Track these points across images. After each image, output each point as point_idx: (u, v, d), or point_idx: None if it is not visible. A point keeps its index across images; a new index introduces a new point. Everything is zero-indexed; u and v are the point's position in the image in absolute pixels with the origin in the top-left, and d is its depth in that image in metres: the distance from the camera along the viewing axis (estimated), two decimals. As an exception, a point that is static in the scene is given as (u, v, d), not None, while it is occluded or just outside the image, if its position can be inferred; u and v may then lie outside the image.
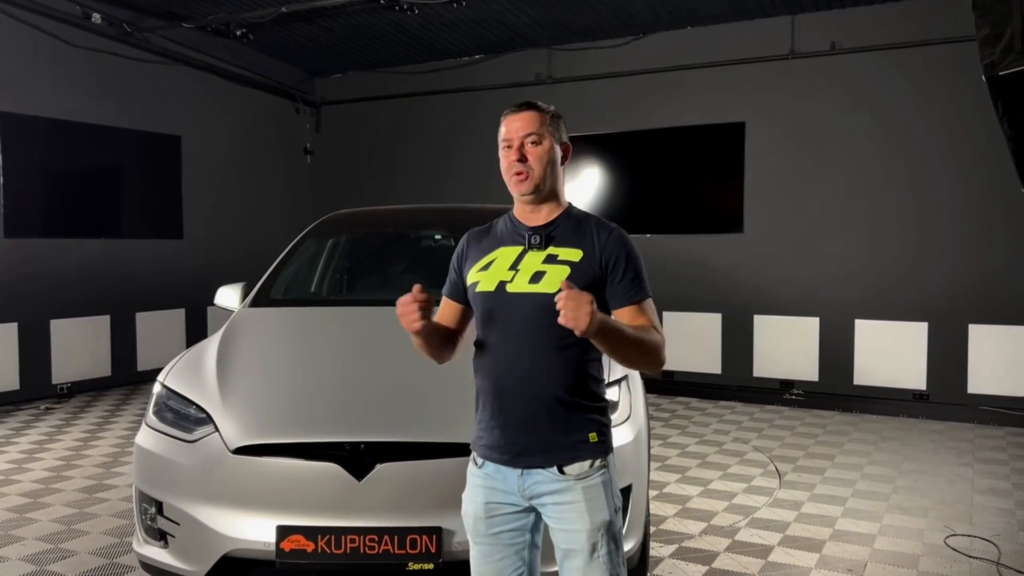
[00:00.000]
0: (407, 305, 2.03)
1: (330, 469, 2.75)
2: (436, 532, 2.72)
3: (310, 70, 10.43)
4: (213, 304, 4.32)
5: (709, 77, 8.18)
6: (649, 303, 2.08)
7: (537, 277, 2.04)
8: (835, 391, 7.61)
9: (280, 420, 2.99)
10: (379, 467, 2.75)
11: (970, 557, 3.90)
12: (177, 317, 8.93)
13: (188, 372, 3.33)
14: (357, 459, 2.76)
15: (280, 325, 3.93)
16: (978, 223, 7.14)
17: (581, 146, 8.83)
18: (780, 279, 7.79)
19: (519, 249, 2.11)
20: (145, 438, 3.15)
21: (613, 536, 2.03)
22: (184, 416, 3.09)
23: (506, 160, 2.11)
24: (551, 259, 2.06)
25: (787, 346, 7.80)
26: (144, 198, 8.70)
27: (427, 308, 2.04)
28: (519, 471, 2.05)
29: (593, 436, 2.05)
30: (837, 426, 6.79)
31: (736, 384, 7.91)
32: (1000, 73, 3.02)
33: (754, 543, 4.08)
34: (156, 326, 8.67)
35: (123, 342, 8.38)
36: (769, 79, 7.94)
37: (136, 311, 8.50)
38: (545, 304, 1.96)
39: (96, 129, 8.05)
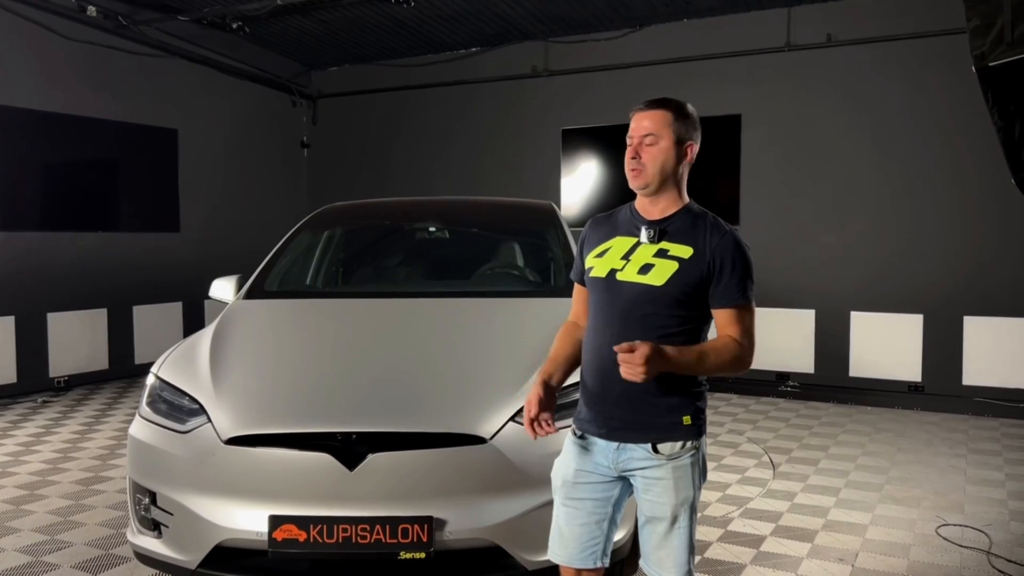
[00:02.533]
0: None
1: (322, 459, 2.77)
2: (427, 521, 2.74)
3: (306, 63, 10.42)
4: (210, 297, 4.32)
5: (705, 69, 8.18)
6: (747, 309, 2.17)
7: (646, 269, 2.16)
8: (830, 383, 7.63)
9: (272, 411, 3.00)
10: (371, 457, 2.76)
11: (961, 547, 3.93)
12: (174, 310, 8.94)
13: (181, 363, 3.35)
14: (349, 449, 2.77)
15: (274, 317, 3.94)
16: (973, 215, 7.15)
17: (577, 139, 8.84)
18: (776, 271, 7.80)
19: (633, 240, 2.22)
20: (139, 429, 3.16)
21: (693, 509, 2.19)
22: (177, 407, 3.10)
23: (626, 155, 2.24)
24: (662, 253, 2.17)
25: (783, 338, 7.82)
26: (141, 191, 8.69)
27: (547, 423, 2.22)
28: (615, 445, 2.18)
29: (687, 419, 2.16)
30: (832, 417, 6.81)
31: (732, 376, 7.91)
32: (990, 64, 3.02)
33: (746, 533, 4.10)
34: (153, 319, 8.68)
35: (120, 335, 8.39)
36: (765, 71, 7.94)
37: (133, 304, 8.51)
38: (649, 295, 2.13)
39: (92, 122, 8.05)
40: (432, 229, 5.03)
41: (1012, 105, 3.09)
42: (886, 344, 7.48)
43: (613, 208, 2.38)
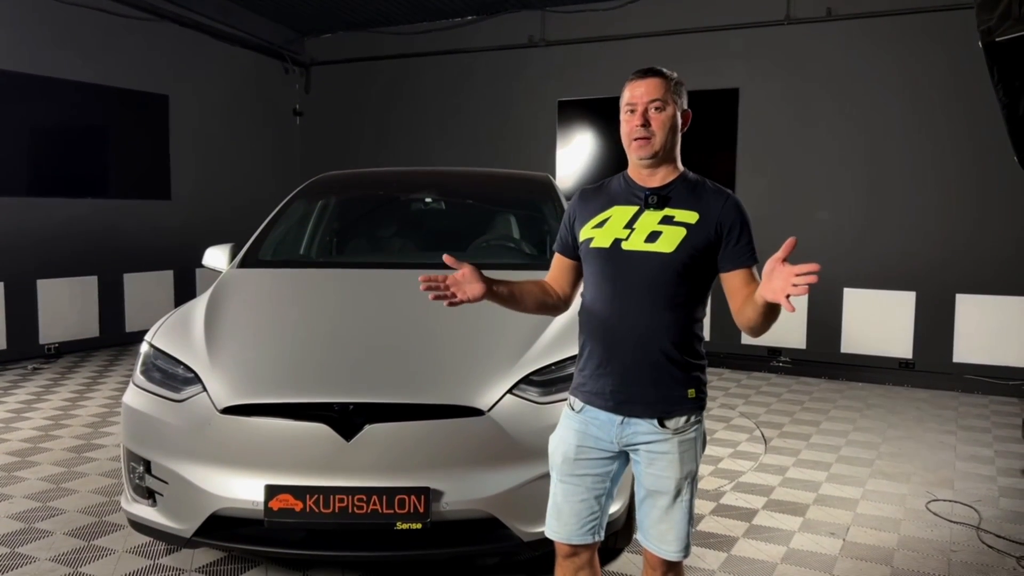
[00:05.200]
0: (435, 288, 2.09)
1: (319, 429, 2.76)
2: (424, 492, 2.74)
3: (300, 29, 10.27)
4: (202, 265, 4.29)
5: (704, 42, 8.10)
6: (756, 269, 2.17)
7: (653, 237, 2.11)
8: (822, 359, 7.66)
9: (268, 380, 2.99)
10: (368, 428, 2.76)
11: (951, 522, 3.96)
12: (165, 278, 8.88)
13: (176, 332, 3.32)
14: (346, 420, 2.76)
15: (269, 286, 3.91)
16: (968, 193, 7.14)
17: (574, 110, 8.77)
18: (770, 246, 7.73)
19: (634, 208, 2.17)
20: (133, 397, 3.14)
21: (694, 482, 2.18)
22: (172, 376, 3.08)
23: (628, 125, 2.17)
24: (667, 220, 2.13)
25: (776, 314, 7.81)
26: (131, 158, 8.59)
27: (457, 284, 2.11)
28: (620, 419, 2.15)
29: (692, 392, 2.15)
30: (823, 393, 6.85)
31: (724, 351, 7.95)
32: (996, 39, 2.99)
33: (739, 507, 4.13)
34: (144, 287, 8.63)
35: (111, 303, 8.33)
36: (764, 45, 7.87)
37: (124, 272, 8.45)
38: (660, 263, 2.09)
39: (81, 87, 7.92)
40: (428, 200, 4.99)
41: (1018, 81, 3.07)
42: (878, 321, 7.50)
43: (593, 179, 2.34)
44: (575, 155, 8.81)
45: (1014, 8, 2.95)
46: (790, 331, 7.80)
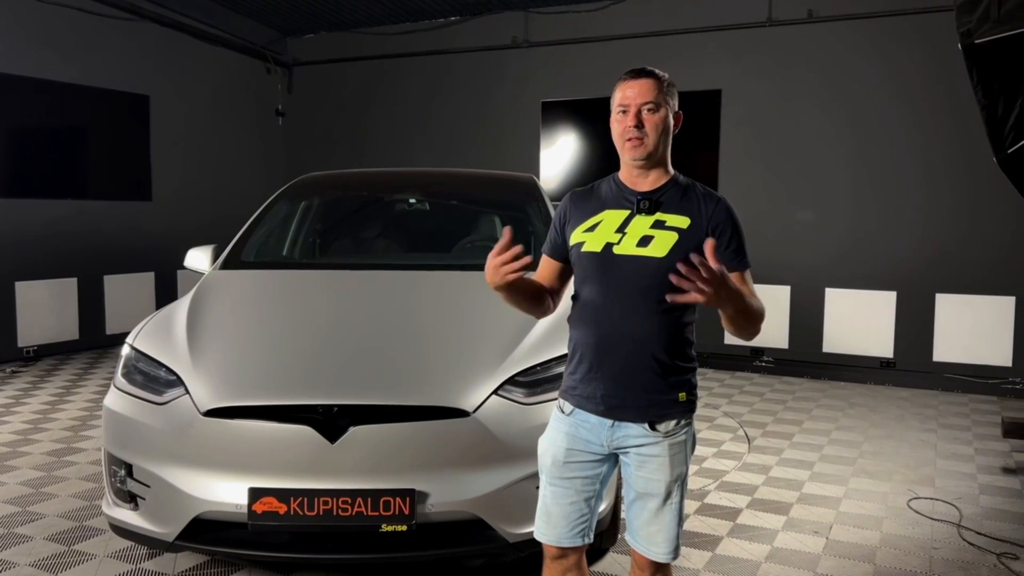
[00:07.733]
0: (500, 257, 1.99)
1: (302, 432, 2.74)
2: (409, 494, 2.73)
3: (282, 30, 10.22)
4: (183, 267, 4.25)
5: (686, 44, 8.13)
6: (749, 273, 2.17)
7: (645, 241, 2.11)
8: (804, 358, 7.71)
9: (252, 383, 2.96)
10: (352, 430, 2.74)
11: (932, 519, 4.00)
12: (146, 280, 8.80)
13: (158, 334, 3.29)
14: (330, 422, 2.75)
15: (251, 288, 3.89)
16: (947, 194, 7.22)
17: (557, 111, 8.78)
18: (752, 247, 7.79)
19: (626, 213, 2.16)
20: (114, 400, 3.11)
21: (684, 484, 2.18)
22: (154, 378, 3.05)
23: (620, 125, 2.15)
24: (659, 224, 2.13)
25: (758, 314, 7.85)
26: (112, 159, 8.51)
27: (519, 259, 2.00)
28: (611, 422, 2.14)
29: (683, 396, 2.15)
30: (806, 392, 6.89)
31: (707, 351, 7.97)
32: (976, 41, 3.03)
33: (723, 506, 4.14)
34: (125, 289, 8.55)
35: (91, 305, 8.25)
36: (746, 46, 7.91)
37: (104, 274, 8.37)
38: (652, 268, 2.08)
39: (61, 87, 7.84)
40: (412, 201, 4.98)
41: (996, 83, 3.10)
42: (859, 320, 7.56)
43: (592, 181, 2.32)
44: (559, 156, 8.82)
45: (992, 11, 2.99)
46: (773, 331, 7.85)
